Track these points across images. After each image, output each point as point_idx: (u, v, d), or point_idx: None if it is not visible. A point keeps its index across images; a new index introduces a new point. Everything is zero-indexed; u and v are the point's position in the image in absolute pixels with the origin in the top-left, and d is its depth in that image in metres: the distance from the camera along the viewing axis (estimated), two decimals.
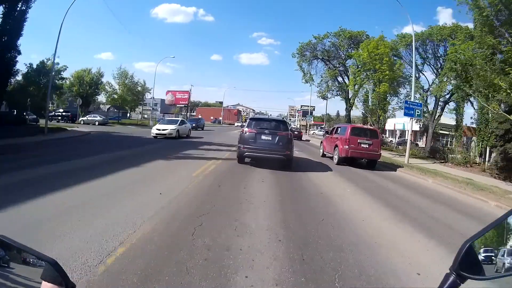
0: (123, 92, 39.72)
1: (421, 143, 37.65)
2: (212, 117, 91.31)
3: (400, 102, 18.27)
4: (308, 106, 66.17)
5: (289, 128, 10.88)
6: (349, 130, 12.05)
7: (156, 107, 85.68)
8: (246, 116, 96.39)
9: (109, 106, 51.47)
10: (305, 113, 70.79)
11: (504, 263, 0.80)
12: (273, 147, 9.26)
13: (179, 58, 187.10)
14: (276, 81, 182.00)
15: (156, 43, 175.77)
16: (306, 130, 64.36)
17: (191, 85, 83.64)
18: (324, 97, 35.14)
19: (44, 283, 0.71)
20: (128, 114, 72.45)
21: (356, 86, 22.40)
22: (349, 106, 32.74)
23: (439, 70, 23.07)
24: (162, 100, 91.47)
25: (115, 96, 39.87)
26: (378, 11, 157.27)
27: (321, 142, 15.78)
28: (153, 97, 48.74)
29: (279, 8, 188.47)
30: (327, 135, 15.15)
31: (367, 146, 11.86)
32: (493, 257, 0.82)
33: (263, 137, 9.33)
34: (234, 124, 77.22)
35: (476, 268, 0.80)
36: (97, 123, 34.39)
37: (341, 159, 11.97)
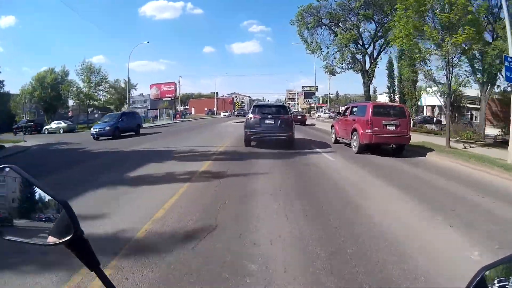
0: (89, 90, 32.72)
1: (444, 121, 31.27)
2: (206, 109, 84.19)
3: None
4: (313, 86, 57.03)
5: (290, 112, 11.67)
6: (370, 110, 9.74)
7: (146, 104, 78.93)
8: (242, 104, 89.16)
9: (92, 109, 44.45)
10: (308, 95, 62.58)
11: None
12: (276, 129, 10.17)
13: (172, 54, 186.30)
14: (270, 67, 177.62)
15: (147, 40, 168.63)
16: (309, 113, 57.14)
17: (179, 76, 75.46)
18: (332, 72, 27.97)
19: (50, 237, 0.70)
20: None
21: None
22: (368, 80, 25.74)
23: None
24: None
25: (81, 95, 32.89)
26: None
27: (332, 125, 13.47)
28: (128, 93, 41.88)
29: None
30: (340, 117, 12.94)
31: (394, 128, 9.68)
32: (506, 286, 0.75)
33: (267, 121, 10.28)
34: (220, 115, 66.10)
35: None
36: (62, 131, 28.57)
37: (363, 146, 9.83)
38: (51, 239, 0.69)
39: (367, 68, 25.32)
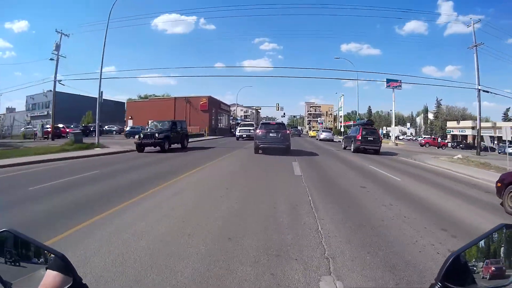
0: None
1: None
2: (150, 121, 47.42)
3: None
4: None
5: (286, 127, 15.92)
6: None
7: (49, 109, 50.95)
8: (236, 121, 57.51)
9: None
10: None
11: (487, 273, 0.80)
12: (278, 140, 14.21)
13: (183, 68, 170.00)
14: (281, 84, 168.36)
15: (158, 54, 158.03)
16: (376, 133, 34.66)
17: None
18: None
19: (48, 271, 0.72)
20: None
21: None
22: None
23: None
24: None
25: None
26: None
27: None
28: None
29: (280, 12, 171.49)
30: None
31: None
32: (476, 268, 0.80)
33: (271, 134, 14.30)
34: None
35: (461, 280, 0.78)
36: None
37: None
38: None
39: None
